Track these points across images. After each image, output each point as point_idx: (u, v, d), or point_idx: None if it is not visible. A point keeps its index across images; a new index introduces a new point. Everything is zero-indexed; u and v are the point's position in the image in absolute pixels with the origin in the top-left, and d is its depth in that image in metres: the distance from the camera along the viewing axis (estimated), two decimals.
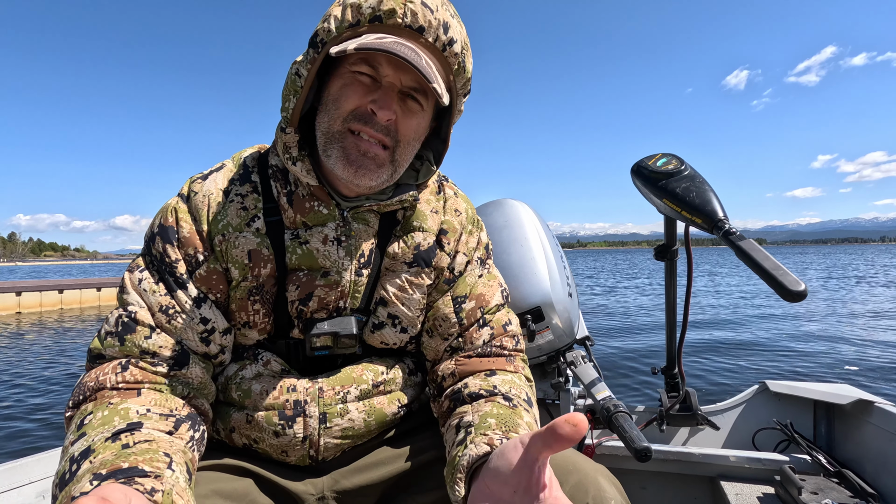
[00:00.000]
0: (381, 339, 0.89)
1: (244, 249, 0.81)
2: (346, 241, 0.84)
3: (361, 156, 0.76)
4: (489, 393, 0.80)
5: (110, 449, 0.62)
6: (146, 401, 0.71)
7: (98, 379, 0.72)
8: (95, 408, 0.69)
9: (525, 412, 0.77)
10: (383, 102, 0.74)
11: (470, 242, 0.94)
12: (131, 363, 0.74)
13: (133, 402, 0.70)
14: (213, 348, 0.81)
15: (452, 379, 0.87)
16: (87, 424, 0.67)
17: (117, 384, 0.72)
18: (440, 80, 0.73)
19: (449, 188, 0.97)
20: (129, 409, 0.69)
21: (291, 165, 0.80)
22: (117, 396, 0.71)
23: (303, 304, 0.83)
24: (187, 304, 0.78)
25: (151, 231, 0.82)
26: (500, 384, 0.82)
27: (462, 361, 0.87)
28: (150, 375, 0.74)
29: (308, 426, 0.81)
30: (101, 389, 0.72)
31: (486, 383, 0.82)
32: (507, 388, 0.81)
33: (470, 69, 0.80)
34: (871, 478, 1.30)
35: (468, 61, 0.79)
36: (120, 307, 0.78)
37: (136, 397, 0.71)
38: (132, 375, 0.73)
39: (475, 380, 0.84)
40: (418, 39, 0.73)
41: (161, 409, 0.71)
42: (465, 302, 0.89)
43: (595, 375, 1.41)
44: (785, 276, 0.81)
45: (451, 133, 0.88)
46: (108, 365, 0.73)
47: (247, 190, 0.83)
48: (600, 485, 0.71)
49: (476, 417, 0.74)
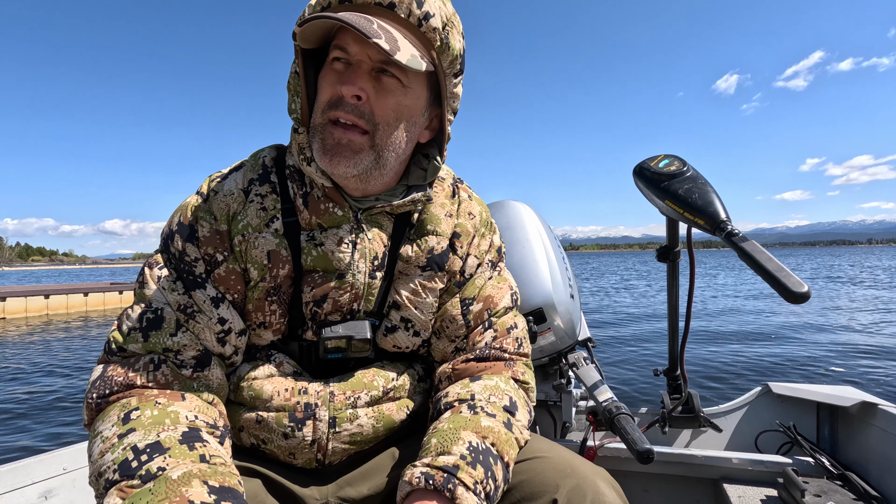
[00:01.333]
0: (393, 342, 0.88)
1: (264, 250, 0.80)
2: (360, 244, 0.83)
3: (336, 143, 0.74)
4: (459, 402, 0.80)
5: (189, 456, 0.63)
6: (191, 406, 0.72)
7: (128, 375, 0.72)
8: (141, 404, 0.69)
9: (487, 417, 0.76)
10: (346, 78, 0.72)
11: (482, 245, 0.93)
12: (163, 363, 0.74)
13: (181, 407, 0.70)
14: (228, 349, 0.81)
15: (447, 383, 0.87)
16: (136, 420, 0.67)
17: (148, 383, 0.72)
18: (409, 48, 0.70)
19: (463, 191, 0.95)
20: (179, 414, 0.69)
21: (306, 166, 0.80)
22: (162, 397, 0.71)
23: (317, 305, 0.83)
24: (205, 303, 0.78)
25: (170, 228, 0.81)
26: (479, 391, 0.81)
27: (459, 366, 0.87)
28: (181, 377, 0.74)
29: (317, 430, 0.80)
30: (132, 386, 0.71)
31: (464, 391, 0.82)
32: (487, 396, 0.80)
33: (457, 46, 0.76)
34: (874, 480, 1.30)
35: (453, 38, 0.75)
36: (141, 302, 0.78)
37: (182, 401, 0.72)
38: (163, 376, 0.73)
39: (455, 387, 0.84)
40: (390, 16, 0.71)
41: (206, 417, 0.72)
42: (473, 304, 0.89)
43: (597, 377, 1.41)
44: (788, 278, 0.81)
45: (447, 118, 0.83)
46: (139, 362, 0.73)
47: (266, 190, 0.83)
48: (599, 488, 0.71)
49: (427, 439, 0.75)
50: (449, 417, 0.77)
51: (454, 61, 0.77)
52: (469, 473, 0.67)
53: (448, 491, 0.65)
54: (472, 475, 0.68)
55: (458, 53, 0.77)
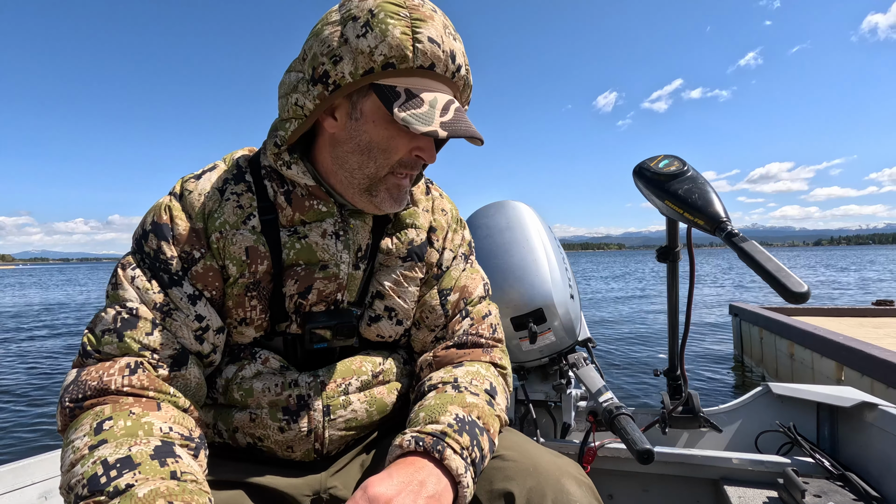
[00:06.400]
0: (377, 331, 0.91)
1: (242, 246, 0.81)
2: (343, 236, 0.86)
3: (402, 193, 0.83)
4: (443, 384, 0.83)
5: (160, 473, 0.63)
6: (167, 417, 0.71)
7: (102, 379, 0.71)
8: (115, 413, 0.68)
9: (471, 395, 0.80)
10: (430, 154, 0.80)
11: (455, 239, 0.99)
12: (139, 367, 0.73)
13: (155, 418, 0.70)
14: (207, 347, 0.81)
15: (429, 370, 0.91)
16: (108, 431, 0.66)
17: (122, 387, 0.71)
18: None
19: (435, 190, 1.01)
20: (153, 425, 0.69)
21: (286, 170, 0.82)
22: (136, 406, 0.70)
23: (302, 297, 0.84)
24: (182, 300, 0.78)
25: (143, 229, 0.81)
26: (462, 375, 0.85)
27: (439, 354, 0.91)
28: (157, 381, 0.73)
29: (313, 419, 0.82)
30: (107, 391, 0.70)
31: (447, 375, 0.85)
32: (469, 380, 0.84)
33: (471, 82, 0.82)
34: (875, 481, 1.30)
35: (470, 76, 0.81)
36: (115, 303, 0.77)
37: (157, 411, 0.71)
38: (139, 380, 0.72)
39: (440, 372, 0.87)
40: (430, 76, 0.74)
41: (181, 429, 0.71)
42: (451, 294, 0.94)
43: (597, 377, 1.41)
44: (788, 278, 0.81)
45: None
46: (114, 365, 0.72)
47: (241, 189, 0.84)
48: (563, 487, 0.71)
49: (415, 413, 0.78)
50: (434, 396, 0.81)
51: (468, 95, 0.84)
52: (456, 440, 0.71)
53: (437, 452, 0.69)
54: (460, 441, 0.71)
55: (471, 87, 0.84)
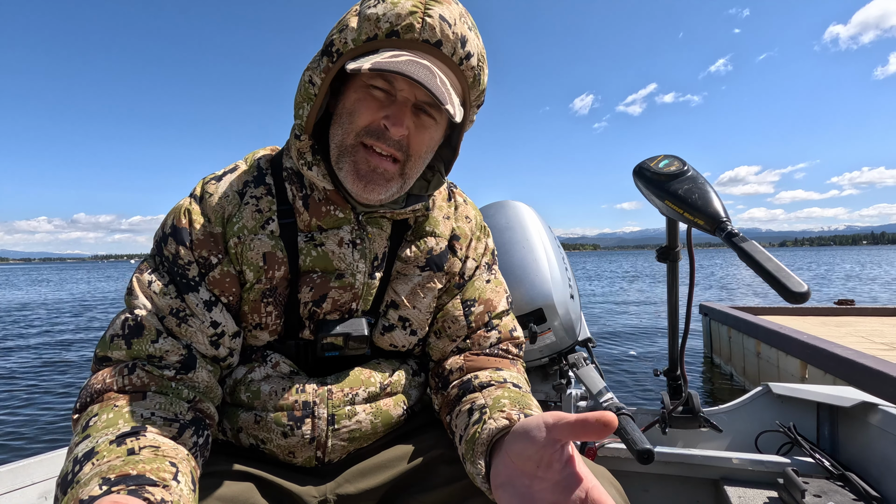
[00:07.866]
0: (390, 341, 0.89)
1: (259, 252, 0.80)
2: (360, 244, 0.84)
3: (371, 171, 0.76)
4: (499, 382, 0.82)
5: (115, 453, 0.61)
6: (151, 404, 0.71)
7: (105, 381, 0.72)
8: (100, 410, 0.69)
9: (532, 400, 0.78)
10: (396, 119, 0.74)
11: (479, 248, 0.97)
12: (138, 366, 0.73)
13: (137, 406, 0.70)
14: (223, 351, 0.81)
15: (461, 373, 0.89)
16: (92, 426, 0.66)
17: (124, 387, 0.71)
18: (454, 98, 0.73)
19: (458, 195, 0.99)
20: (134, 413, 0.68)
21: (307, 170, 0.80)
22: (122, 399, 0.70)
23: (316, 305, 0.84)
24: (198, 307, 0.78)
25: (163, 232, 0.81)
26: (509, 377, 0.84)
27: (471, 358, 0.89)
28: (157, 379, 0.74)
29: (316, 427, 0.81)
30: (107, 392, 0.71)
31: (496, 375, 0.84)
32: (517, 380, 0.84)
33: (485, 81, 0.80)
34: (875, 481, 1.30)
35: (483, 74, 0.79)
36: (127, 310, 0.78)
37: (142, 400, 0.71)
38: (138, 378, 0.72)
39: (485, 372, 0.86)
40: (435, 54, 0.73)
41: (165, 412, 0.71)
42: (475, 305, 0.92)
43: (597, 377, 1.41)
44: (788, 278, 0.81)
45: (461, 142, 0.89)
46: (115, 367, 0.73)
47: (261, 192, 0.83)
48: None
49: (489, 400, 0.76)
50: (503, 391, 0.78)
51: (480, 95, 0.82)
52: None
53: None
54: None
55: (484, 87, 0.82)
